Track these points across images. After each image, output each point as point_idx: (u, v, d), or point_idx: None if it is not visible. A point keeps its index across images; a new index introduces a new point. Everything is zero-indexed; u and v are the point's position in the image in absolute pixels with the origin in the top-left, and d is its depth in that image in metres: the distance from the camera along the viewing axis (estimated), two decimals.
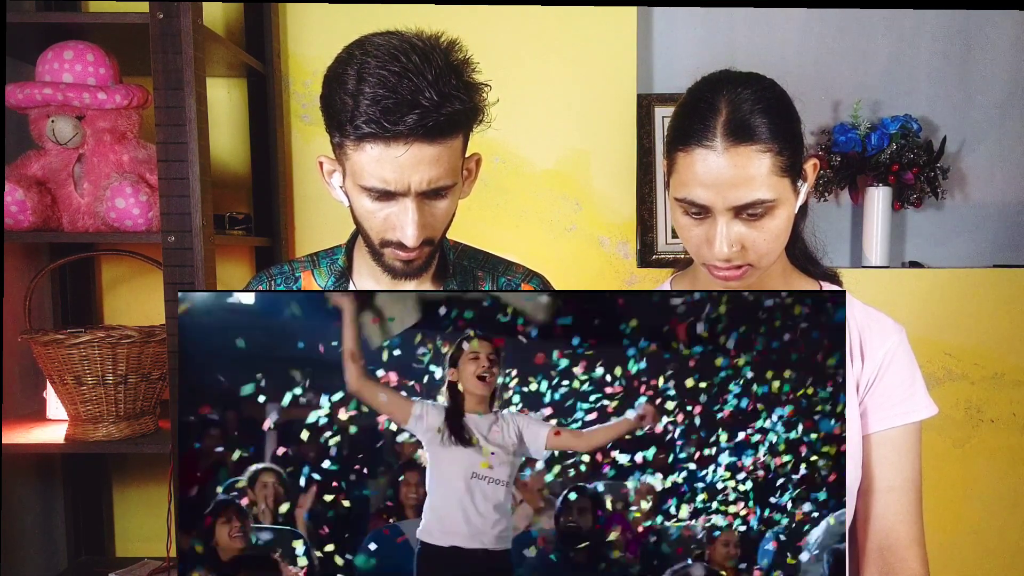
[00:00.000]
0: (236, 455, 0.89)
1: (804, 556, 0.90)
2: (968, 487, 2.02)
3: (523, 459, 0.91)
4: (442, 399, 0.90)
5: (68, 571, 1.89)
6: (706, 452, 0.91)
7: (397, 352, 0.89)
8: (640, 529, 0.91)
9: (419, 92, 0.96)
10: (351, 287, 1.19)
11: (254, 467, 0.90)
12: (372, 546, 0.91)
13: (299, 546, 0.90)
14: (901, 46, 2.09)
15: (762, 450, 0.91)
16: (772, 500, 0.91)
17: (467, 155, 1.11)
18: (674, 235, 2.03)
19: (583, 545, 0.92)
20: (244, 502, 0.89)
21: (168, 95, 1.47)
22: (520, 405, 0.91)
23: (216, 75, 1.92)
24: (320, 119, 1.06)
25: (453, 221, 1.12)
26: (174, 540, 1.53)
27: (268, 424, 0.89)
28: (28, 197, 1.54)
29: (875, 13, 2.06)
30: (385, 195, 1.02)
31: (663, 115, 2.03)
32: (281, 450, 0.89)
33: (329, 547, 0.90)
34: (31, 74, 1.64)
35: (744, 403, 0.91)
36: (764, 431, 0.91)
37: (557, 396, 0.91)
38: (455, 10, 1.88)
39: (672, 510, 0.91)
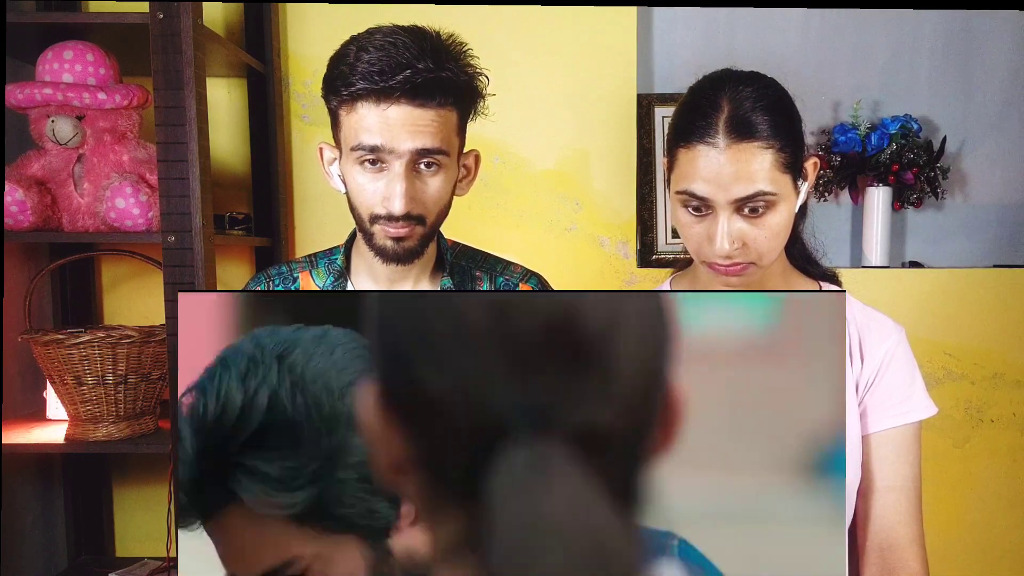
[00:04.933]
0: None
1: None
2: (968, 487, 2.02)
3: None
4: None
5: (68, 571, 1.89)
6: None
7: None
8: None
9: (415, 59, 0.99)
10: (349, 287, 1.19)
11: None
12: None
13: None
14: (901, 46, 2.08)
15: None
16: None
17: (466, 151, 1.11)
18: (674, 235, 2.03)
19: None
20: None
21: (168, 95, 1.46)
22: None
23: (216, 75, 1.92)
24: (320, 118, 1.07)
25: (449, 216, 1.12)
26: (174, 540, 1.53)
27: None
28: (28, 197, 1.54)
29: (875, 13, 2.06)
30: (375, 161, 1.03)
31: (663, 115, 2.03)
32: None
33: None
34: (31, 74, 1.64)
35: None
36: None
37: None
38: (455, 10, 1.87)
39: None
